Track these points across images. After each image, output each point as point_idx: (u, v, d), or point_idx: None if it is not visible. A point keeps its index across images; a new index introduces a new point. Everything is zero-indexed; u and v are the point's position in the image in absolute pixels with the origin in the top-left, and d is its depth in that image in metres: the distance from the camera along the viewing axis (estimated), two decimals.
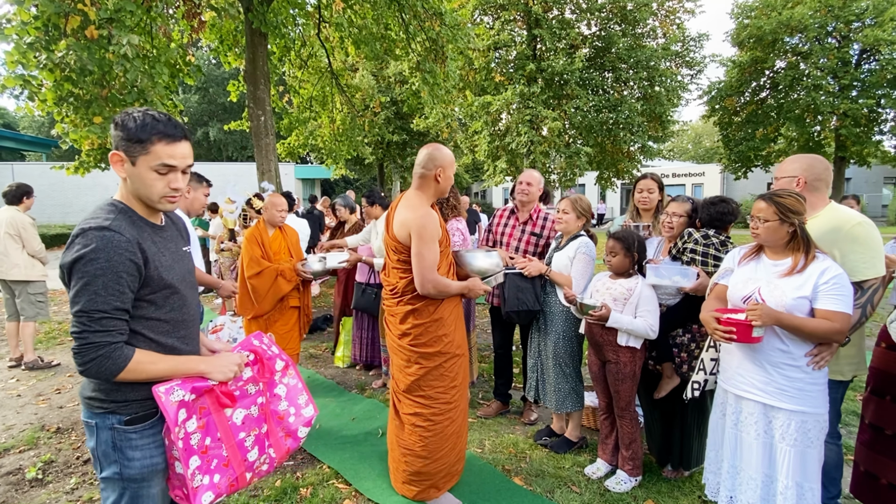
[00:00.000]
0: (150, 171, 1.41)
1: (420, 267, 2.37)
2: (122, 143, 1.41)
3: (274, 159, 8.38)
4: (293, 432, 1.77)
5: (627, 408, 2.76)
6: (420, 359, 2.47)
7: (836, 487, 2.48)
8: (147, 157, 1.40)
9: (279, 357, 1.77)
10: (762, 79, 18.06)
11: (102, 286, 1.31)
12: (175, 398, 1.40)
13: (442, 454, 2.52)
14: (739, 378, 2.23)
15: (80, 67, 4.68)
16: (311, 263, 4.02)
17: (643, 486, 2.82)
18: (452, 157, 2.55)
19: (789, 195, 2.09)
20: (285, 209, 3.95)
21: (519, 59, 15.45)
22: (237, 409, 1.59)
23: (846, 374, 2.32)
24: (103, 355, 1.31)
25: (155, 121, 1.41)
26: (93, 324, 1.30)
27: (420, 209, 2.41)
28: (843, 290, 2.01)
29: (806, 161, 2.39)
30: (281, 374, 1.78)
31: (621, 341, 2.71)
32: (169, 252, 1.51)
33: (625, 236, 2.72)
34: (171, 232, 1.60)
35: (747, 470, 2.22)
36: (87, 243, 1.32)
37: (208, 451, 1.50)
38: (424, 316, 2.46)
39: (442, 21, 8.56)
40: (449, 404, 2.51)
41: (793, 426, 2.11)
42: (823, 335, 2.00)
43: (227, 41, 9.14)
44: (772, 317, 2.03)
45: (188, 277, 1.59)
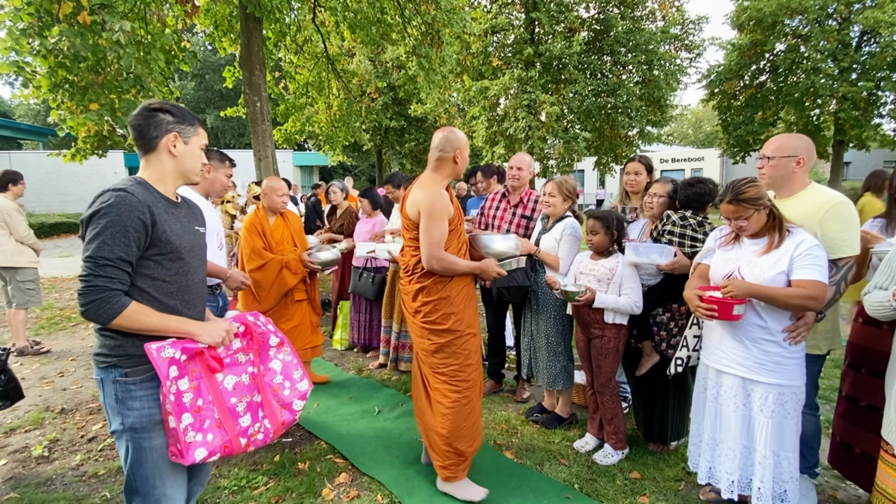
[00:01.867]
0: (199, 149, 1.72)
1: (425, 242, 2.42)
2: (177, 126, 1.65)
3: (271, 146, 8.39)
4: (288, 404, 1.83)
5: (608, 384, 2.84)
6: (430, 335, 2.53)
7: (815, 457, 2.57)
8: (197, 137, 1.71)
9: (274, 334, 1.85)
10: (762, 62, 17.94)
11: (111, 236, 1.46)
12: (166, 354, 1.50)
13: (461, 431, 2.55)
14: (720, 353, 2.31)
15: (73, 54, 4.69)
16: (318, 253, 3.73)
17: (630, 458, 2.92)
18: (466, 139, 2.62)
19: (747, 186, 2.15)
20: (286, 194, 3.68)
21: (517, 44, 15.34)
22: (228, 376, 1.67)
23: (822, 349, 2.40)
24: (102, 299, 1.45)
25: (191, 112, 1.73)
26: (97, 269, 1.45)
27: (431, 188, 2.47)
28: (818, 259, 2.07)
29: (805, 140, 2.42)
30: (276, 349, 1.86)
31: (608, 319, 2.78)
32: (180, 224, 1.66)
33: (604, 215, 2.79)
34: (185, 211, 1.75)
35: (726, 441, 2.31)
36: (104, 200, 1.49)
37: (201, 410, 1.58)
38: (433, 294, 2.51)
39: (437, 5, 8.51)
40: (466, 382, 2.55)
41: (770, 398, 2.19)
42: (798, 303, 2.06)
43: (223, 26, 9.08)
44: (744, 289, 2.10)
45: (197, 251, 1.73)
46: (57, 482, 2.81)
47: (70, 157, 6.73)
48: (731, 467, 2.30)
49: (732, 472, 2.29)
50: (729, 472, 2.30)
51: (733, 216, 2.20)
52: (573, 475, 2.77)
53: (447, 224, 2.46)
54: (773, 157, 2.39)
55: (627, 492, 2.62)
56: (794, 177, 2.40)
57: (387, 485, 2.69)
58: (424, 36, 9.11)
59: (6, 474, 2.90)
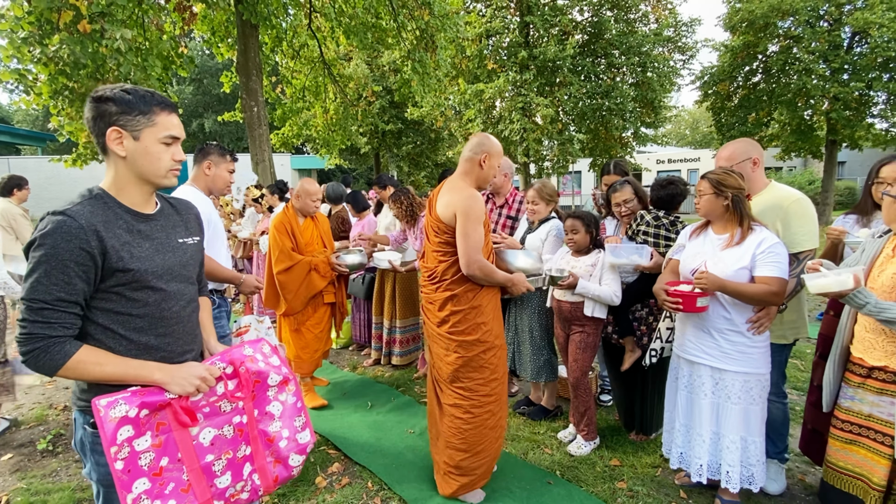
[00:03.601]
0: (158, 144, 1.34)
1: (466, 246, 2.31)
2: (121, 118, 1.30)
3: (267, 150, 8.53)
4: (284, 459, 1.53)
5: (582, 378, 2.96)
6: (458, 347, 2.41)
7: (784, 443, 2.70)
8: (153, 128, 1.33)
9: (275, 370, 1.54)
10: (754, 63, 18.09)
11: (45, 274, 1.21)
12: (115, 413, 1.24)
13: (482, 448, 2.47)
14: (690, 345, 2.44)
15: (73, 61, 4.82)
16: (345, 255, 3.62)
17: (610, 447, 3.05)
18: (500, 148, 2.54)
19: (724, 172, 2.29)
20: (319, 197, 3.55)
21: (511, 47, 15.50)
22: (205, 429, 1.40)
23: (788, 338, 2.53)
24: (40, 349, 1.21)
25: (148, 92, 1.35)
26: (33, 314, 1.21)
27: (466, 190, 2.39)
28: (778, 257, 2.21)
29: (752, 143, 2.59)
30: (277, 389, 1.55)
31: (587, 312, 2.91)
32: (152, 242, 1.38)
33: (583, 215, 2.93)
34: (166, 221, 1.46)
35: (698, 428, 2.44)
36: (41, 227, 1.23)
37: (163, 473, 1.32)
38: (463, 303, 2.40)
39: (431, 11, 8.66)
40: (489, 397, 2.46)
41: (737, 386, 2.32)
42: (762, 298, 2.20)
43: (220, 32, 9.23)
44: (716, 283, 2.23)
45: (178, 271, 1.44)
46: (61, 473, 2.94)
47: (71, 163, 6.87)
48: (700, 452, 2.43)
49: (702, 457, 2.42)
50: (699, 456, 2.43)
51: (698, 189, 2.36)
52: (555, 462, 2.90)
53: (483, 228, 2.39)
54: (730, 166, 2.53)
55: (606, 477, 2.75)
56: (754, 177, 2.54)
57: (377, 472, 2.82)
58: (419, 41, 9.26)
59: (13, 467, 3.02)
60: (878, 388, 2.03)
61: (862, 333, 2.11)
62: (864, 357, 2.09)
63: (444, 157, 22.57)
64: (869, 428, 2.06)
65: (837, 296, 1.92)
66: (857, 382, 2.10)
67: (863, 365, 2.09)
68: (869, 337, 2.07)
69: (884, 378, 2.01)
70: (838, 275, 1.88)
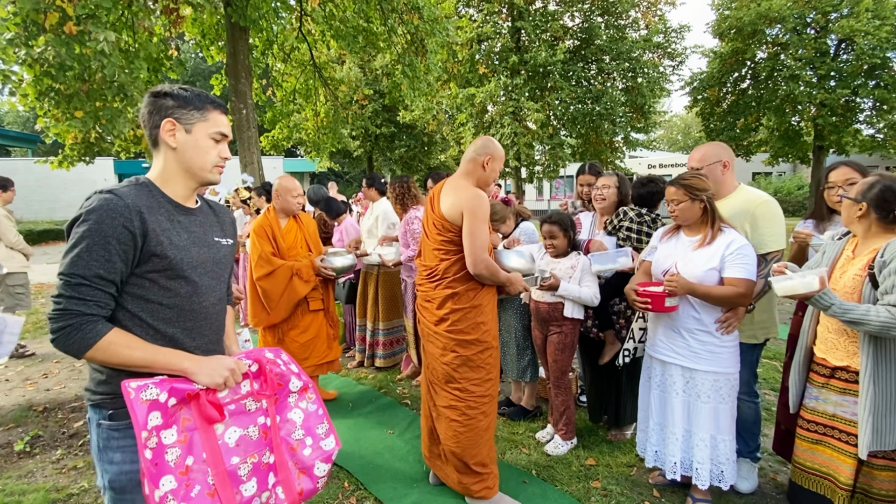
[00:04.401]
0: (208, 139, 1.40)
1: (473, 246, 2.32)
2: (176, 112, 1.36)
3: (256, 152, 8.54)
4: (308, 468, 1.46)
5: (562, 377, 3.00)
6: (456, 346, 2.42)
7: (756, 442, 2.73)
8: (205, 123, 1.39)
9: (297, 376, 1.50)
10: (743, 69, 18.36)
11: (86, 249, 1.20)
12: (147, 395, 1.19)
13: (476, 451, 2.47)
14: (661, 345, 2.48)
15: (59, 63, 4.82)
16: (333, 258, 3.43)
17: (587, 447, 3.08)
18: (503, 153, 2.57)
19: (692, 176, 2.34)
20: (300, 194, 3.38)
21: (502, 52, 15.64)
22: (230, 428, 1.33)
23: (759, 338, 2.57)
24: (73, 325, 1.19)
25: (203, 92, 1.42)
26: (69, 289, 1.20)
27: (471, 189, 2.41)
28: (747, 259, 2.26)
29: (723, 146, 2.64)
30: (298, 396, 1.50)
31: (567, 313, 2.94)
32: (189, 234, 1.39)
33: (560, 219, 2.96)
34: (205, 218, 1.48)
35: (671, 427, 2.47)
36: (87, 204, 1.24)
37: (189, 472, 1.23)
38: (464, 301, 2.41)
39: (420, 15, 8.72)
40: (483, 397, 2.46)
41: (707, 385, 2.36)
42: (731, 300, 2.25)
43: (210, 35, 9.25)
44: (685, 287, 2.27)
45: (210, 267, 1.43)
46: (37, 474, 2.92)
47: (57, 164, 6.84)
48: (674, 450, 2.46)
49: (675, 455, 2.45)
50: (672, 454, 2.47)
51: (670, 198, 2.39)
52: (532, 462, 2.93)
53: (487, 228, 2.41)
54: (700, 167, 2.58)
55: (581, 476, 2.78)
56: (724, 180, 2.59)
57: (354, 472, 2.83)
58: (409, 45, 9.31)
59: None
60: (842, 387, 2.07)
61: (824, 334, 2.15)
62: (826, 357, 2.13)
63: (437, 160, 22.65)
64: (834, 427, 2.10)
65: (803, 297, 1.96)
66: (821, 383, 2.14)
67: (826, 365, 2.13)
68: (831, 337, 2.12)
69: (846, 378, 2.06)
70: (803, 277, 1.91)
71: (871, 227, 2.04)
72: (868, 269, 1.98)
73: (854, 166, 2.55)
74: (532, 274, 2.76)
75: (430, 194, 2.62)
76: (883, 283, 1.89)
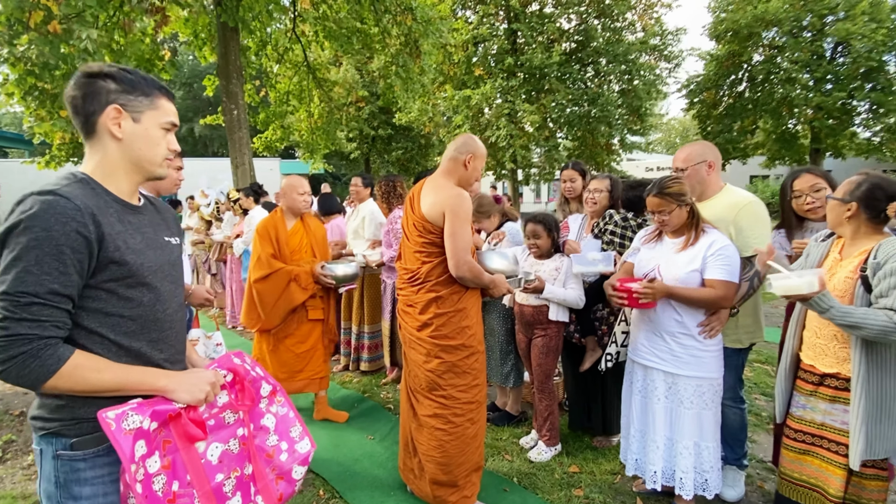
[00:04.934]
0: (158, 129, 1.24)
1: (455, 247, 2.23)
2: (121, 97, 1.18)
3: (247, 153, 8.47)
4: (286, 472, 1.42)
5: (546, 381, 2.93)
6: (441, 352, 2.31)
7: (742, 449, 2.67)
8: (156, 112, 1.23)
9: (265, 379, 1.44)
10: (739, 72, 18.36)
11: (35, 261, 1.02)
12: (129, 425, 1.07)
13: (463, 459, 2.38)
14: (644, 349, 2.42)
15: (42, 62, 4.76)
16: (334, 266, 3.24)
17: (570, 453, 3.01)
18: (485, 151, 2.49)
19: (672, 182, 2.27)
20: (307, 192, 3.23)
21: (498, 54, 15.61)
22: (212, 444, 1.25)
23: (744, 342, 2.51)
24: (29, 353, 1.01)
25: (149, 76, 1.26)
26: (19, 310, 1.01)
27: (453, 189, 2.32)
28: (728, 259, 2.19)
29: (709, 146, 2.58)
30: (268, 400, 1.44)
31: (552, 316, 2.88)
32: (143, 235, 1.23)
33: (544, 219, 2.91)
34: (152, 217, 1.32)
35: (652, 434, 2.40)
36: (24, 209, 1.05)
37: (176, 500, 1.14)
38: (448, 305, 2.31)
39: (413, 16, 8.68)
40: (470, 404, 2.37)
41: (689, 390, 2.30)
42: (710, 302, 2.19)
43: (202, 36, 9.21)
44: (663, 291, 2.20)
45: (168, 270, 1.29)
46: (6, 481, 2.85)
47: (44, 165, 6.77)
48: (655, 458, 2.39)
49: (656, 463, 2.38)
50: (653, 463, 2.39)
51: (657, 209, 2.31)
52: (514, 469, 2.86)
53: (471, 229, 2.32)
54: (685, 167, 2.52)
55: (563, 484, 2.71)
56: (709, 180, 2.53)
57: (330, 480, 2.76)
58: (403, 46, 9.27)
59: None
60: (831, 395, 1.99)
61: (812, 339, 2.08)
62: (815, 364, 2.06)
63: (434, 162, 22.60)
64: (822, 437, 2.02)
65: (802, 298, 1.87)
66: (809, 391, 2.07)
67: (814, 372, 2.05)
68: (820, 343, 2.04)
69: (836, 385, 1.98)
70: (802, 276, 1.84)
71: (860, 228, 1.97)
72: (860, 271, 1.91)
73: (816, 172, 2.53)
74: (515, 276, 2.68)
75: (410, 194, 2.53)
76: (878, 286, 1.82)
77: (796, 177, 2.52)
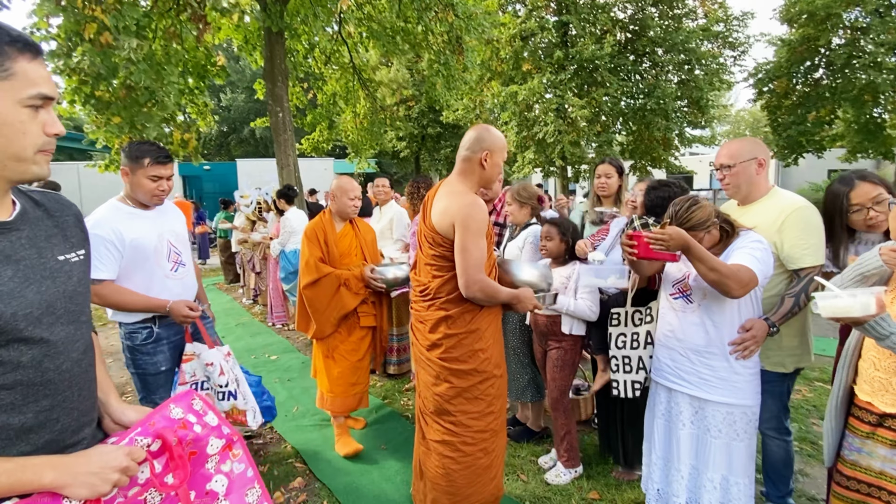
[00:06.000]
0: (19, 108, 0.87)
1: (465, 264, 1.98)
2: None
3: (292, 154, 8.67)
4: None
5: (561, 398, 2.72)
6: (451, 376, 2.08)
7: (786, 486, 2.36)
8: (12, 82, 0.85)
9: (215, 433, 1.15)
10: (816, 58, 16.80)
11: None
12: None
13: (472, 491, 2.13)
14: (667, 370, 2.17)
15: (95, 73, 5.04)
16: (384, 269, 3.08)
17: (592, 476, 2.78)
18: (504, 141, 2.19)
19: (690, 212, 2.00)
20: (359, 196, 3.10)
21: (548, 47, 15.15)
22: None
23: (788, 367, 2.20)
24: None
25: None
26: None
27: (466, 196, 2.05)
28: (753, 250, 1.92)
29: (758, 142, 2.29)
30: (219, 458, 1.16)
31: (565, 329, 2.67)
32: (15, 267, 0.90)
33: (560, 222, 2.70)
34: (33, 230, 0.97)
35: (675, 463, 2.16)
36: None
37: None
38: (459, 325, 2.08)
39: (455, 12, 8.54)
40: (483, 433, 2.12)
41: (719, 417, 2.04)
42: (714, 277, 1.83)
43: (252, 41, 9.53)
44: (680, 240, 1.84)
45: (63, 307, 0.97)
46: None
47: (104, 168, 7.21)
48: (678, 489, 2.15)
49: (680, 495, 2.14)
50: (676, 494, 2.15)
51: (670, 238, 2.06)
52: (528, 492, 2.67)
53: (486, 241, 2.07)
54: (732, 164, 2.23)
55: None
56: (757, 180, 2.24)
57: (336, 492, 2.69)
58: (446, 44, 9.17)
59: None
60: (892, 439, 1.67)
61: (870, 372, 1.75)
62: (872, 401, 1.73)
63: None
64: (881, 488, 1.70)
65: (854, 322, 1.58)
66: (866, 432, 1.75)
67: (872, 411, 1.73)
68: (879, 376, 1.72)
69: None
70: (854, 296, 1.54)
71: None
72: None
73: (874, 179, 2.13)
74: (547, 290, 2.37)
75: (425, 199, 2.26)
76: None
77: (851, 187, 2.13)
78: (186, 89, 7.70)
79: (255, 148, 38.69)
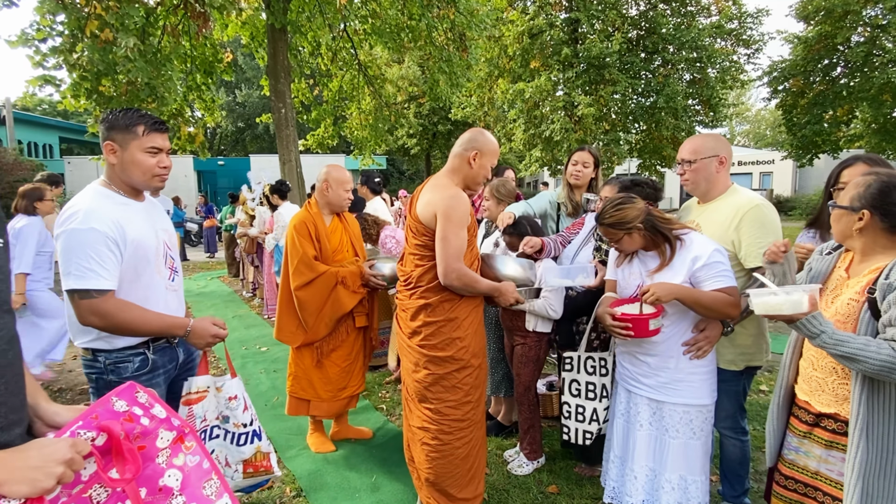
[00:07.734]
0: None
1: (445, 253, 2.06)
2: None
3: (294, 150, 8.78)
4: None
5: (526, 393, 2.74)
6: (428, 363, 2.17)
7: (742, 485, 2.35)
8: None
9: (164, 425, 1.08)
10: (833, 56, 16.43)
11: None
12: None
13: (453, 479, 2.22)
14: (626, 373, 2.19)
15: (94, 69, 5.17)
16: (381, 264, 2.90)
17: (553, 471, 2.80)
18: (495, 146, 2.27)
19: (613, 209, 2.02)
20: (352, 187, 2.93)
21: (556, 45, 15.07)
22: None
23: (739, 365, 2.18)
24: None
25: None
26: None
27: (449, 189, 2.16)
28: (723, 266, 1.95)
29: (722, 139, 2.27)
30: (170, 451, 1.08)
31: (529, 326, 2.69)
32: None
33: (521, 231, 2.72)
34: None
35: (630, 463, 2.17)
36: None
37: None
38: (438, 314, 2.16)
39: (456, 8, 8.55)
40: (461, 422, 2.19)
41: (676, 417, 2.06)
42: (722, 307, 1.92)
43: (258, 38, 9.65)
44: (669, 291, 1.91)
45: None
46: None
47: None
48: (632, 490, 2.15)
49: (633, 496, 2.14)
50: (630, 495, 2.16)
51: (605, 237, 2.11)
52: (488, 484, 2.69)
53: (466, 233, 2.15)
54: (693, 160, 2.23)
55: None
56: (717, 178, 2.23)
57: (299, 478, 2.75)
58: (450, 41, 9.19)
59: None
60: (827, 440, 1.65)
61: (808, 371, 1.74)
62: (810, 401, 1.71)
63: None
64: (816, 488, 1.69)
65: (787, 319, 1.57)
66: (803, 431, 1.73)
67: (809, 410, 1.71)
68: (816, 376, 1.70)
69: (833, 428, 1.63)
70: (789, 293, 1.53)
71: (875, 241, 1.59)
72: (867, 292, 1.57)
73: (876, 159, 2.07)
74: (530, 285, 2.42)
75: (412, 194, 2.39)
76: (886, 313, 1.47)
77: (847, 166, 2.08)
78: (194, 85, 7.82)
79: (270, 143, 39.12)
